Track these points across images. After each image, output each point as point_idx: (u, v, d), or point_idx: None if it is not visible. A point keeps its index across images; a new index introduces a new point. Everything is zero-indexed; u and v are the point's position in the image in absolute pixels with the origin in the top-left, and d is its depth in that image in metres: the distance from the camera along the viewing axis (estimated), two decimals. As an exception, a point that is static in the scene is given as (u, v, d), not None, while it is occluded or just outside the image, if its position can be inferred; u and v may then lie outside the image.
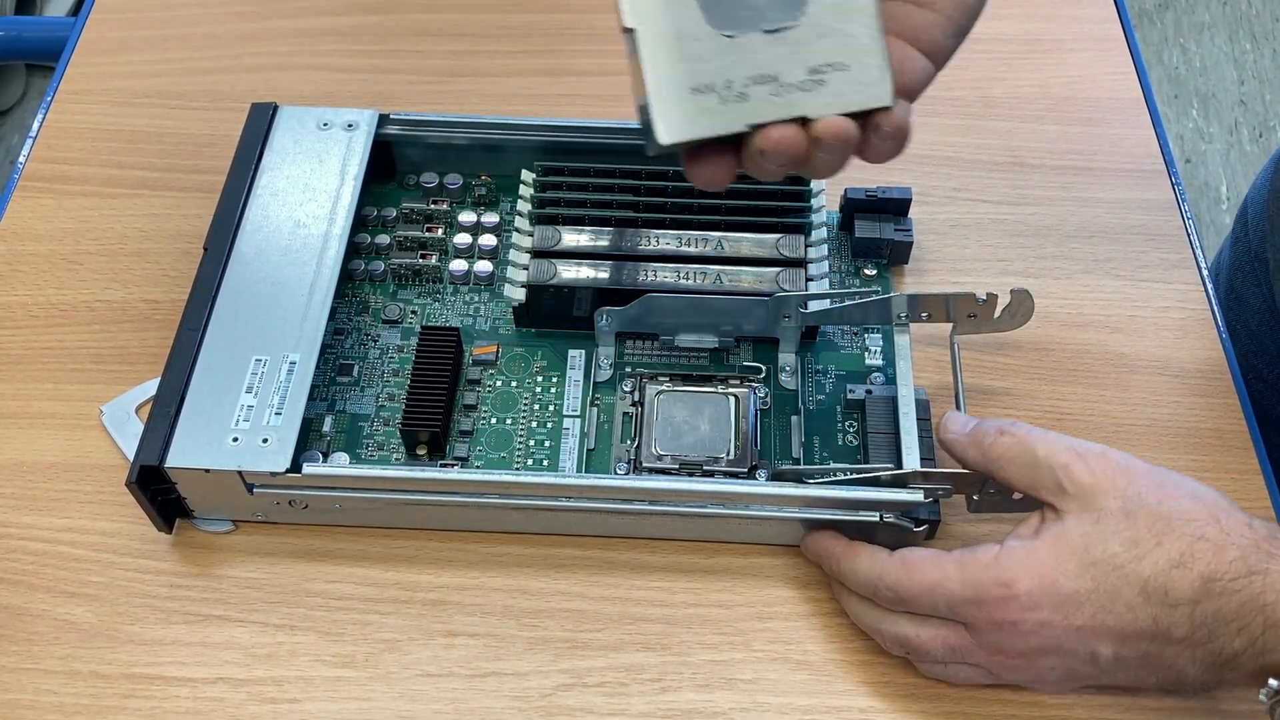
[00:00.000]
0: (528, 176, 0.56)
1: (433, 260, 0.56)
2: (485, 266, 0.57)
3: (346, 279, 0.56)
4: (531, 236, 0.54)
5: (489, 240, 0.57)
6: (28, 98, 1.63)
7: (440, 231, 0.58)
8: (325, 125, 0.57)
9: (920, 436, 0.48)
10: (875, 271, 0.58)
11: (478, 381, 0.53)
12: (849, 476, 0.47)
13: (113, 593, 0.49)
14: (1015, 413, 0.54)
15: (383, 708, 0.46)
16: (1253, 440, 0.54)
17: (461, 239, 0.57)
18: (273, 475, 0.46)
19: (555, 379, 0.54)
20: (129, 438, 0.52)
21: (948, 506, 0.50)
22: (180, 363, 0.49)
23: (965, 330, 0.51)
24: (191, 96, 0.67)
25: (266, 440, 0.47)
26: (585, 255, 0.53)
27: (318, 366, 0.49)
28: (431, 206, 0.59)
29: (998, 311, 0.51)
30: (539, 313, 0.54)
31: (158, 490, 0.48)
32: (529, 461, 0.51)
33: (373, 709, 0.46)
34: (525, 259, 0.53)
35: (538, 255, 0.53)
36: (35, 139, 0.65)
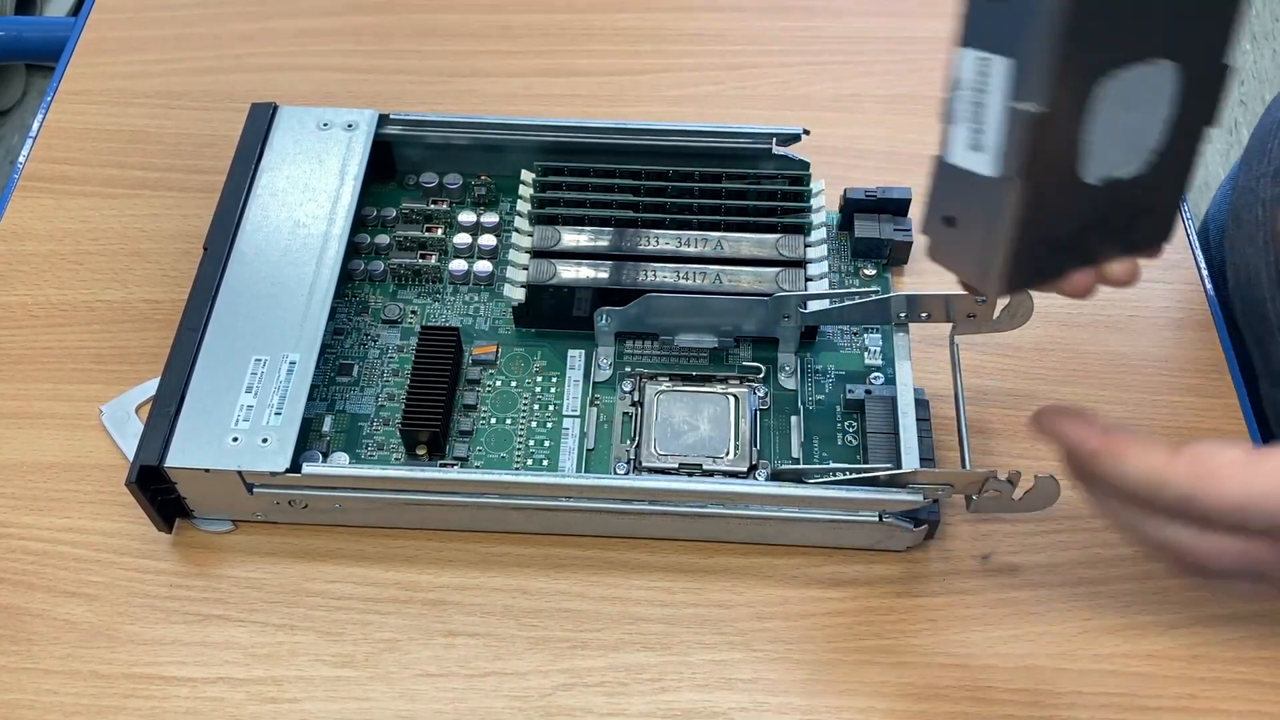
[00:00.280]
0: (527, 176, 0.56)
1: (432, 260, 0.57)
2: (485, 266, 0.57)
3: (346, 279, 0.56)
4: (531, 236, 0.54)
5: (489, 240, 0.57)
6: (28, 98, 1.63)
7: (440, 231, 0.58)
8: (325, 125, 0.57)
9: (920, 436, 0.48)
10: (875, 272, 0.58)
11: (477, 381, 0.53)
12: (848, 476, 0.47)
13: (113, 592, 0.49)
14: (1015, 413, 0.54)
15: (383, 708, 0.46)
16: (1253, 440, 0.54)
17: (461, 239, 0.57)
18: (272, 475, 0.46)
19: (555, 379, 0.54)
20: (129, 438, 0.52)
21: (947, 506, 0.50)
22: (180, 363, 0.49)
23: (965, 330, 0.51)
24: (191, 96, 0.67)
25: (266, 440, 0.47)
26: (585, 255, 0.53)
27: (317, 366, 0.49)
28: (431, 206, 0.59)
29: (997, 312, 0.50)
30: (539, 313, 0.54)
31: (158, 490, 0.48)
32: (529, 461, 0.51)
33: (373, 709, 0.46)
34: (525, 259, 0.53)
35: (537, 255, 0.53)
36: (35, 139, 0.65)
